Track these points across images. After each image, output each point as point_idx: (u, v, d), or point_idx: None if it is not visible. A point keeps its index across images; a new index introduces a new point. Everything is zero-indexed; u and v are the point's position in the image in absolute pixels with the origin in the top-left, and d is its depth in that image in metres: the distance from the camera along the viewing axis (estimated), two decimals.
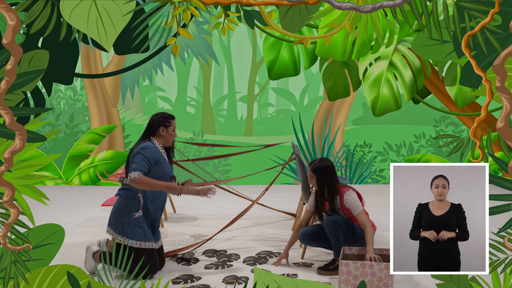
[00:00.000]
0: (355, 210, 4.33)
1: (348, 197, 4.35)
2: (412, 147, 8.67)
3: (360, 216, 4.31)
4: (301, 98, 8.85)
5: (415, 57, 5.84)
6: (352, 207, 4.34)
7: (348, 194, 4.36)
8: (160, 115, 4.35)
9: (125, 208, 4.13)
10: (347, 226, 4.37)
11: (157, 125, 4.30)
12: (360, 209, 4.33)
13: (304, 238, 4.50)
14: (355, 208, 4.33)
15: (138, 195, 4.14)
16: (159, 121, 4.31)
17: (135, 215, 4.12)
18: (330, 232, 4.31)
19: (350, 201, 4.35)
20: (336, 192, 4.40)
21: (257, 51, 8.75)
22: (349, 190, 4.39)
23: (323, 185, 4.41)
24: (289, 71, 6.33)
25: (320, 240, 4.51)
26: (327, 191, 4.41)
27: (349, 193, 4.37)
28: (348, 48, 5.56)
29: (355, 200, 4.35)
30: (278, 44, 6.24)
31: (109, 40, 2.90)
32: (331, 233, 4.31)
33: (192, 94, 8.82)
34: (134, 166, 4.05)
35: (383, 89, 5.81)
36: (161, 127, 4.30)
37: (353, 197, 4.35)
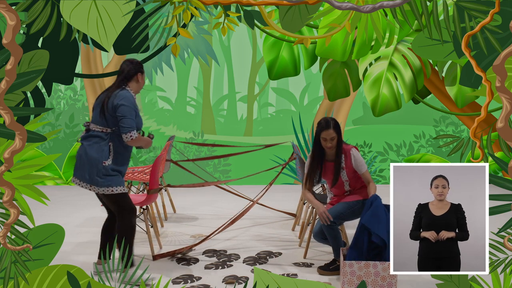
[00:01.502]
0: (361, 168, 4.34)
1: (356, 154, 4.35)
2: (412, 147, 8.67)
3: (366, 175, 4.34)
4: (301, 98, 8.85)
5: (415, 57, 5.84)
6: (359, 165, 4.33)
7: (355, 151, 4.36)
8: (134, 61, 4.23)
9: (93, 157, 4.03)
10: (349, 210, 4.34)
11: (135, 71, 4.20)
12: (366, 168, 4.36)
13: (319, 238, 4.42)
14: (362, 166, 4.34)
15: (109, 144, 4.08)
16: (137, 68, 4.21)
17: (105, 163, 4.04)
18: (329, 233, 4.30)
19: (358, 159, 4.34)
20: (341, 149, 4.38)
21: (257, 51, 8.74)
22: (353, 147, 4.39)
23: (339, 143, 4.35)
24: (289, 71, 6.33)
25: None
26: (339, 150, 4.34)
27: (355, 150, 4.37)
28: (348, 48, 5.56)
29: (361, 158, 4.36)
30: (278, 44, 6.24)
31: (109, 40, 2.90)
32: (330, 234, 4.31)
33: (192, 94, 8.82)
34: (129, 124, 4.01)
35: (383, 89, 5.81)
36: (138, 73, 4.21)
37: (359, 155, 4.36)
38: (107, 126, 4.09)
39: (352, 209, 4.34)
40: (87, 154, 4.05)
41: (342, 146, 4.37)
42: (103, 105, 4.09)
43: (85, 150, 4.07)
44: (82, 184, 4.07)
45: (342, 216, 4.31)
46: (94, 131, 4.12)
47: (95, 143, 4.07)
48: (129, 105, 4.05)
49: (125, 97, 4.07)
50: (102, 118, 4.09)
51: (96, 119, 4.12)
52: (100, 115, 4.10)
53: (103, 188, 4.02)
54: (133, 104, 4.09)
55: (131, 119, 4.03)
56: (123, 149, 4.14)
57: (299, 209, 5.86)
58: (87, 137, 4.13)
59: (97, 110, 4.13)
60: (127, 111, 4.02)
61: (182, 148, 8.62)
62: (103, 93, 4.22)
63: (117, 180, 4.07)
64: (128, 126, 4.00)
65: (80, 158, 4.10)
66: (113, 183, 4.04)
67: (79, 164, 4.09)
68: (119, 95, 4.07)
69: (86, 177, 4.04)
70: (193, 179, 7.03)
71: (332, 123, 4.34)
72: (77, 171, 4.09)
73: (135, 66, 4.20)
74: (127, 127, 4.00)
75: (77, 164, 4.11)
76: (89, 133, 4.13)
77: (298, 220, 5.81)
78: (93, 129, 4.12)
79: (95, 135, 4.10)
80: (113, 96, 4.09)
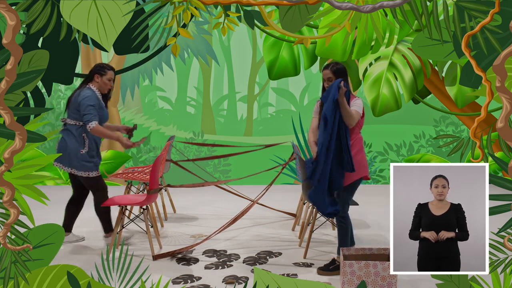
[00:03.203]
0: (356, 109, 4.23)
1: (356, 101, 4.27)
2: (412, 147, 8.67)
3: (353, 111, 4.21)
4: (301, 98, 8.85)
5: (415, 57, 5.84)
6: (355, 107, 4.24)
7: (357, 99, 4.30)
8: (99, 64, 5.03)
9: (72, 147, 4.86)
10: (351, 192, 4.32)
11: (93, 73, 4.99)
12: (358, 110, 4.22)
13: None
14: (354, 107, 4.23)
15: (83, 135, 4.90)
16: (96, 70, 5.00)
17: (82, 151, 4.88)
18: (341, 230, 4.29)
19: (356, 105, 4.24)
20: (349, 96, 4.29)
21: (257, 51, 8.74)
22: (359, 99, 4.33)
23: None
24: (289, 71, 6.33)
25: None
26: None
27: (359, 100, 4.30)
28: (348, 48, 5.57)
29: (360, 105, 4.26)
30: (278, 44, 6.24)
31: (109, 40, 2.90)
32: (341, 231, 4.29)
33: (192, 94, 8.82)
34: (89, 117, 4.80)
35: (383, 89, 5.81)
36: (96, 75, 4.98)
37: (359, 102, 4.27)
38: (77, 119, 4.90)
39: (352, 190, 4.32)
40: (66, 144, 4.88)
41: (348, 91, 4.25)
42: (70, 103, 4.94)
43: (65, 141, 4.90)
44: (64, 168, 4.91)
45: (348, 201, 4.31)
46: (69, 125, 4.93)
47: (71, 134, 4.90)
48: (90, 104, 4.82)
49: (86, 96, 4.85)
50: (72, 114, 4.91)
51: (69, 114, 4.94)
52: (72, 111, 4.92)
53: (81, 171, 4.91)
54: (93, 99, 4.86)
55: (91, 114, 4.80)
56: (95, 137, 4.98)
57: (299, 209, 5.86)
58: (64, 130, 4.95)
59: (68, 106, 4.96)
60: (88, 108, 4.80)
61: (182, 148, 8.62)
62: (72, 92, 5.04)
63: (92, 166, 4.94)
64: (87, 120, 4.80)
65: (61, 149, 4.89)
66: (89, 168, 4.93)
67: (62, 155, 4.87)
68: (82, 94, 4.88)
69: (67, 163, 4.90)
70: (193, 179, 7.02)
71: (332, 65, 4.30)
72: (61, 160, 4.90)
73: (96, 68, 5.00)
74: (86, 120, 4.81)
75: (60, 151, 4.89)
76: (66, 127, 4.96)
77: (298, 220, 5.81)
78: (69, 123, 4.93)
79: (70, 128, 4.92)
80: (76, 95, 4.91)
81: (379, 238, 5.38)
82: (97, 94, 4.95)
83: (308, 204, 5.34)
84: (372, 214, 6.36)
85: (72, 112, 4.91)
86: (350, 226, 4.37)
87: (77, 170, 4.89)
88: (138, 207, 5.78)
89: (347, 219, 4.30)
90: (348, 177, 4.23)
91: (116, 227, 4.79)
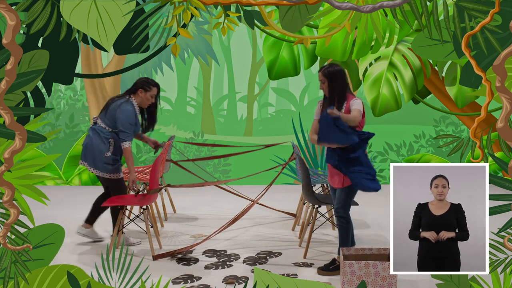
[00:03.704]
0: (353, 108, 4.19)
1: (356, 101, 4.24)
2: (412, 147, 8.67)
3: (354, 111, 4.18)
4: (301, 98, 8.85)
5: (415, 57, 5.84)
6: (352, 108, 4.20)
7: (357, 99, 4.26)
8: (143, 79, 5.03)
9: (97, 147, 4.89)
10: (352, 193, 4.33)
11: (137, 86, 4.98)
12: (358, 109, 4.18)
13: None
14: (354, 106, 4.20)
15: (110, 140, 4.91)
16: (140, 84, 4.98)
17: (106, 154, 4.90)
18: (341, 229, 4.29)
19: (355, 104, 4.21)
20: (345, 99, 4.28)
21: (257, 51, 8.74)
22: (359, 98, 4.29)
23: (334, 89, 4.27)
24: (289, 71, 6.32)
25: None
26: (337, 96, 4.27)
27: (358, 99, 4.27)
28: (348, 48, 5.56)
29: (360, 106, 4.21)
30: (278, 44, 6.23)
31: (109, 40, 2.90)
32: (341, 230, 4.29)
33: (192, 94, 8.82)
34: (125, 136, 4.83)
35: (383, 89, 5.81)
36: (140, 89, 4.96)
37: (359, 102, 4.23)
38: (109, 126, 4.91)
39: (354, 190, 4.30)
40: (92, 144, 4.92)
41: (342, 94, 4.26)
42: (107, 108, 4.95)
43: (92, 140, 4.93)
44: (88, 168, 4.96)
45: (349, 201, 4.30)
46: (100, 126, 4.94)
47: (99, 136, 4.91)
48: (128, 119, 4.85)
49: (123, 109, 4.86)
50: (105, 119, 4.92)
51: (103, 117, 4.95)
52: (105, 116, 4.92)
53: (103, 173, 4.93)
54: (132, 117, 4.89)
55: (127, 133, 4.84)
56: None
57: (299, 209, 5.85)
58: (93, 129, 4.96)
59: (104, 110, 4.96)
60: (126, 126, 4.84)
61: (182, 148, 8.62)
62: (113, 97, 5.05)
63: (115, 168, 4.95)
64: (123, 138, 4.84)
65: (86, 147, 4.95)
66: (112, 170, 4.94)
67: (86, 151, 4.95)
68: (121, 108, 4.87)
69: (91, 162, 4.94)
70: (193, 179, 7.01)
71: (324, 68, 4.30)
72: (85, 157, 4.96)
73: (141, 82, 4.99)
74: (122, 138, 4.85)
75: (85, 151, 4.96)
76: (95, 127, 4.96)
77: (298, 220, 5.81)
78: (100, 125, 4.94)
79: (99, 130, 4.93)
80: (116, 105, 4.90)
81: (379, 238, 5.38)
82: (136, 110, 4.96)
83: (308, 204, 5.34)
84: (372, 214, 6.36)
85: (107, 118, 4.90)
86: (350, 225, 4.36)
87: (99, 171, 4.92)
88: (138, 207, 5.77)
89: (348, 220, 4.29)
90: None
91: (116, 227, 4.79)
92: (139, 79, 5.03)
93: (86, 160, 4.95)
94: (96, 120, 4.99)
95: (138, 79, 5.03)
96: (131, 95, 4.97)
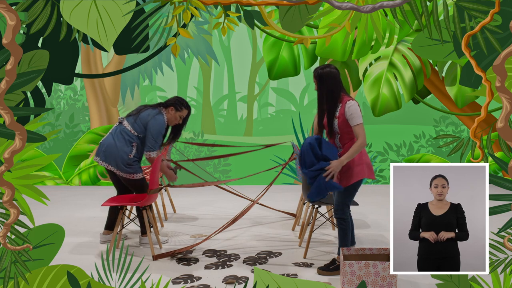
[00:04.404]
0: (354, 120, 4.14)
1: (351, 105, 4.17)
2: (412, 147, 8.67)
3: (357, 128, 4.13)
4: (301, 98, 8.85)
5: (415, 57, 5.84)
6: (352, 117, 4.14)
7: (351, 102, 4.19)
8: (178, 98, 5.09)
9: (121, 149, 4.90)
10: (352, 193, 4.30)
11: (170, 103, 5.05)
12: (359, 122, 4.14)
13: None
14: (354, 118, 4.14)
15: (133, 144, 4.95)
16: (174, 102, 5.05)
17: (130, 156, 4.92)
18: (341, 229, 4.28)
19: (351, 110, 4.15)
20: (338, 100, 4.22)
21: (257, 51, 8.74)
22: (353, 100, 4.23)
23: (322, 91, 4.24)
24: (289, 71, 6.33)
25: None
26: (325, 97, 4.22)
27: (353, 102, 4.20)
28: (348, 48, 5.57)
29: (357, 110, 4.16)
30: (278, 44, 6.24)
31: (109, 40, 2.90)
32: (341, 231, 4.28)
33: (192, 94, 8.82)
34: (154, 146, 4.90)
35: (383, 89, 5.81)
36: (171, 107, 5.03)
37: (355, 107, 4.17)
38: (137, 131, 4.96)
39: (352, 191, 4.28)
40: (116, 146, 4.92)
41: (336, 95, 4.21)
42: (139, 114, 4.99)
43: (115, 142, 4.93)
44: (109, 167, 4.95)
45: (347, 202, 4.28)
46: (125, 128, 4.98)
47: (123, 138, 4.93)
48: (161, 130, 4.92)
49: (157, 120, 4.93)
50: (135, 124, 4.96)
51: (131, 121, 4.99)
52: (135, 121, 4.97)
53: (126, 174, 4.94)
54: (162, 129, 4.94)
55: (156, 144, 4.91)
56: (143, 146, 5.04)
57: (299, 209, 5.85)
58: (119, 130, 4.98)
59: (134, 115, 5.01)
60: (156, 135, 4.90)
61: (182, 148, 8.62)
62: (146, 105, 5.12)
63: (137, 168, 4.99)
64: (152, 146, 4.90)
65: (108, 147, 4.93)
66: (135, 171, 4.96)
67: (107, 152, 4.93)
68: (155, 118, 4.94)
69: (112, 162, 4.92)
70: (193, 179, 7.02)
71: (316, 69, 4.27)
72: (106, 158, 4.94)
73: (175, 100, 5.06)
74: (150, 147, 4.90)
75: (105, 151, 4.94)
76: (120, 127, 4.99)
77: (298, 220, 5.81)
78: (126, 127, 4.98)
79: (125, 132, 4.96)
80: (150, 114, 4.96)
81: (379, 238, 5.38)
82: (166, 123, 5.02)
83: (308, 204, 5.34)
84: (372, 214, 6.36)
85: (136, 123, 4.94)
86: (351, 227, 4.36)
87: (122, 172, 4.93)
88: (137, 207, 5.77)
89: (347, 221, 4.29)
90: (348, 179, 4.22)
91: (116, 227, 4.79)
92: (175, 97, 5.09)
93: (106, 160, 4.94)
94: (122, 121, 5.02)
95: (174, 97, 5.09)
96: (163, 109, 5.03)
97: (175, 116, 5.05)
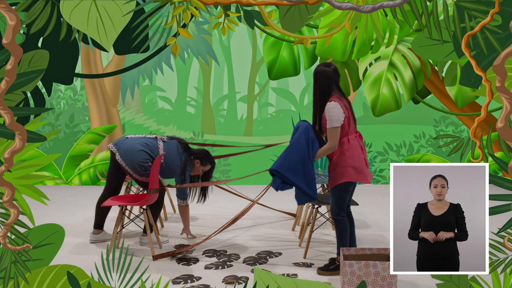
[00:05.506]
0: (328, 123, 4.06)
1: (329, 107, 4.08)
2: (412, 147, 8.67)
3: (329, 131, 4.07)
4: (301, 98, 8.85)
5: (415, 57, 5.84)
6: (328, 119, 4.08)
7: (330, 104, 4.08)
8: (206, 153, 5.14)
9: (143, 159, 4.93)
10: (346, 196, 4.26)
11: (196, 156, 5.12)
12: (333, 125, 4.05)
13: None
14: (329, 121, 4.06)
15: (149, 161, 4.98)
16: (200, 155, 5.13)
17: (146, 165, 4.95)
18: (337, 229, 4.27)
19: (329, 111, 4.06)
20: (327, 100, 4.14)
21: (257, 51, 8.74)
22: (336, 101, 4.09)
23: (315, 89, 4.22)
24: (289, 71, 6.32)
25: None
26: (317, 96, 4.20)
27: (333, 104, 4.08)
28: (348, 48, 5.56)
29: (334, 113, 4.05)
30: (278, 44, 6.23)
31: (109, 40, 2.90)
32: (337, 230, 4.27)
33: (192, 94, 8.82)
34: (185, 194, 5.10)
35: (383, 89, 5.81)
36: (197, 160, 5.13)
37: (334, 110, 4.05)
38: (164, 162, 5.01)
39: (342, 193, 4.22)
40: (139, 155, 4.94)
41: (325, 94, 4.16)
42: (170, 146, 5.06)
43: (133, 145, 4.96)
44: (126, 168, 4.99)
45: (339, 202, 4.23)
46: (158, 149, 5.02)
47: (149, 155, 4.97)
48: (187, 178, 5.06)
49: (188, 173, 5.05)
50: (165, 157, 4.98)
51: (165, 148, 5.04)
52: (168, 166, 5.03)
53: (143, 177, 4.98)
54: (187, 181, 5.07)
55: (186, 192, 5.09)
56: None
57: (299, 209, 5.85)
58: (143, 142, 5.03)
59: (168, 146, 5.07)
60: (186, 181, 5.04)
61: None
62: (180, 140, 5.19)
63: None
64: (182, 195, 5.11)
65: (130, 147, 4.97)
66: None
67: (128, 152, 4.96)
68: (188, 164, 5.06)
69: (129, 164, 4.95)
70: None
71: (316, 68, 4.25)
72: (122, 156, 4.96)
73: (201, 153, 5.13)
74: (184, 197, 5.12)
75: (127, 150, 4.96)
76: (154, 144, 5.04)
77: (298, 220, 5.81)
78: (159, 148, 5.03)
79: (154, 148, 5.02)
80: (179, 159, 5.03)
81: (379, 238, 5.38)
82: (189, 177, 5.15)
83: (308, 204, 5.34)
84: (372, 214, 6.36)
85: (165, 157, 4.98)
86: (346, 227, 4.30)
87: (139, 175, 4.98)
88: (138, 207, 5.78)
89: (342, 222, 4.24)
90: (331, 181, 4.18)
91: (116, 227, 4.79)
92: (204, 150, 5.17)
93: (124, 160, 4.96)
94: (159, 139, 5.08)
95: (203, 150, 5.17)
96: (191, 157, 5.10)
97: (198, 169, 5.16)
